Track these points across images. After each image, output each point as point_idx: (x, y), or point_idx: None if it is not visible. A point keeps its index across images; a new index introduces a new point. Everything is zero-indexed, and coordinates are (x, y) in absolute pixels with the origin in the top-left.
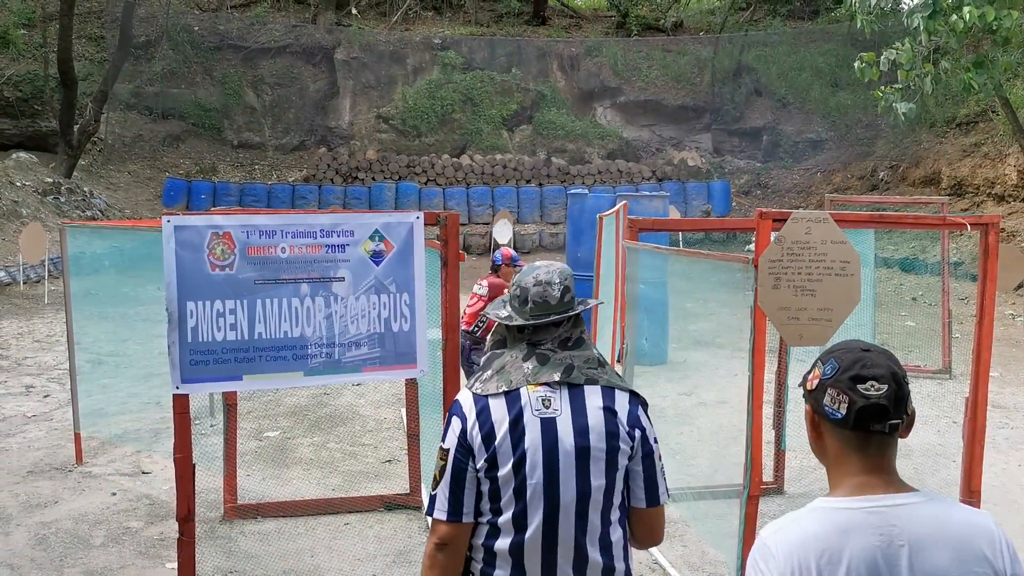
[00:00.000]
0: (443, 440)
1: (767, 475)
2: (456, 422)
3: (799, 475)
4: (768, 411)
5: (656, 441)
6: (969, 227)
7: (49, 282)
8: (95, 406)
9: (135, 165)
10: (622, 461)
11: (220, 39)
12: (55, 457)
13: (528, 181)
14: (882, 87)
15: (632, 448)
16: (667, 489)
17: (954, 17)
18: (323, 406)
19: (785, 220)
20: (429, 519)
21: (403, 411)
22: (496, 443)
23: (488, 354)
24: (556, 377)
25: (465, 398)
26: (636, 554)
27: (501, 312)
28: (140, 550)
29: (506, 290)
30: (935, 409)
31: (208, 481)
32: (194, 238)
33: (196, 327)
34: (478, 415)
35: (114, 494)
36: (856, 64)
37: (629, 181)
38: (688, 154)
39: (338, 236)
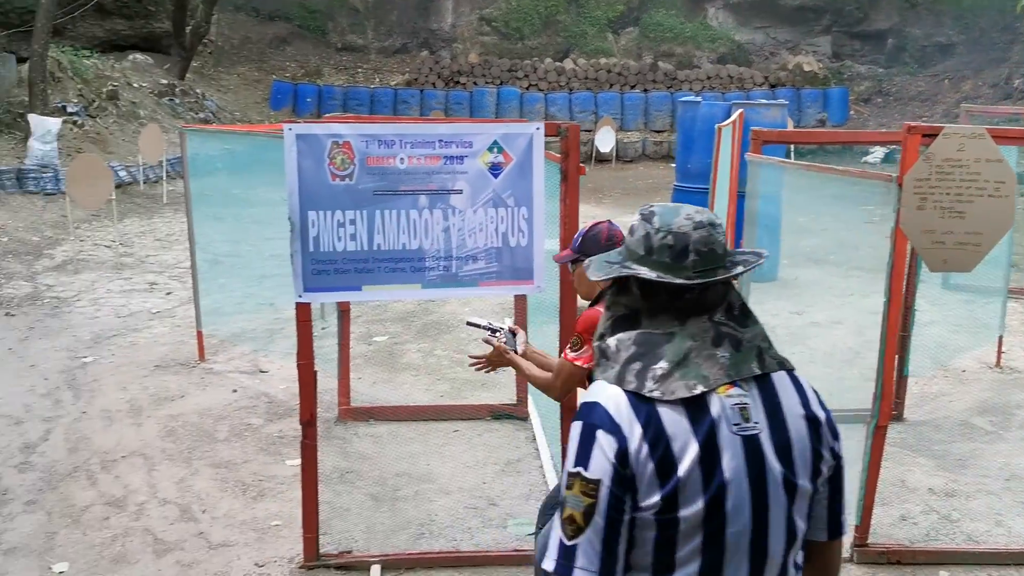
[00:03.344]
0: (580, 464)
1: None
2: (606, 440)
3: (920, 402)
4: None
5: None
6: None
7: (167, 182)
8: (213, 305)
9: (243, 67)
10: (821, 488)
11: None
12: (179, 353)
13: (633, 87)
14: None
15: (831, 468)
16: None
17: None
18: (429, 313)
19: (935, 135)
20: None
21: (508, 320)
22: (681, 474)
23: (625, 336)
24: (756, 368)
25: (614, 400)
26: None
27: (639, 269)
28: (261, 446)
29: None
30: None
31: (322, 383)
32: (315, 147)
33: (318, 237)
34: (645, 429)
35: (235, 391)
36: None
37: (740, 87)
38: (804, 59)
39: (456, 147)
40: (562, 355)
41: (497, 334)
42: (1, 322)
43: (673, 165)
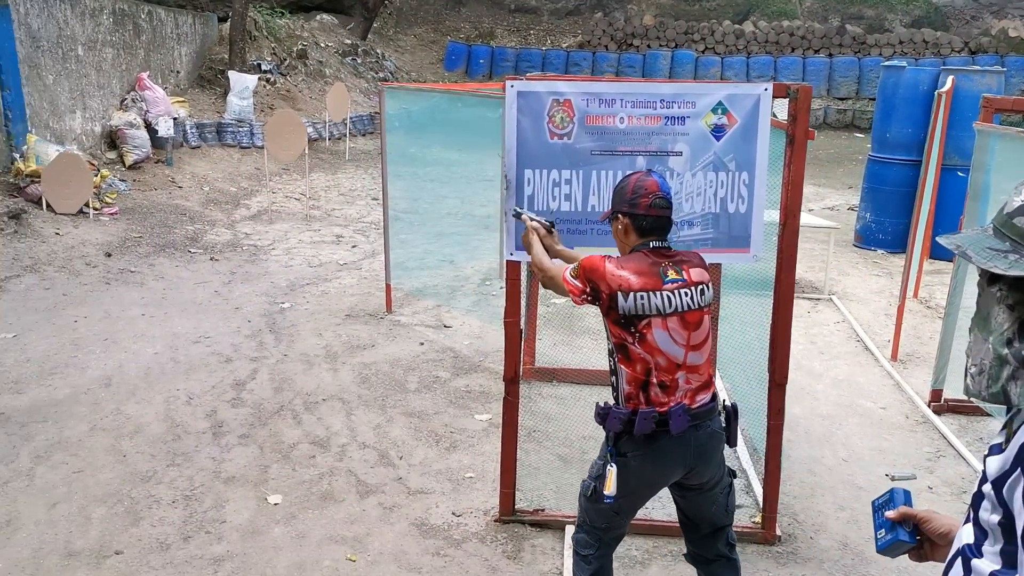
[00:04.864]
0: None
1: None
2: None
3: None
4: None
5: None
6: None
7: (349, 139)
8: (396, 260)
9: (420, 28)
10: None
11: None
12: (367, 304)
13: (816, 51)
14: None
15: None
16: None
17: None
18: None
19: None
20: None
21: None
22: None
23: None
24: None
25: None
26: None
27: None
28: (450, 399)
29: None
30: None
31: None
32: (535, 104)
33: (533, 195)
34: None
35: (421, 344)
36: None
37: (936, 53)
38: (1010, 23)
39: (679, 107)
40: (565, 271)
41: (534, 220)
42: (207, 266)
43: (858, 135)
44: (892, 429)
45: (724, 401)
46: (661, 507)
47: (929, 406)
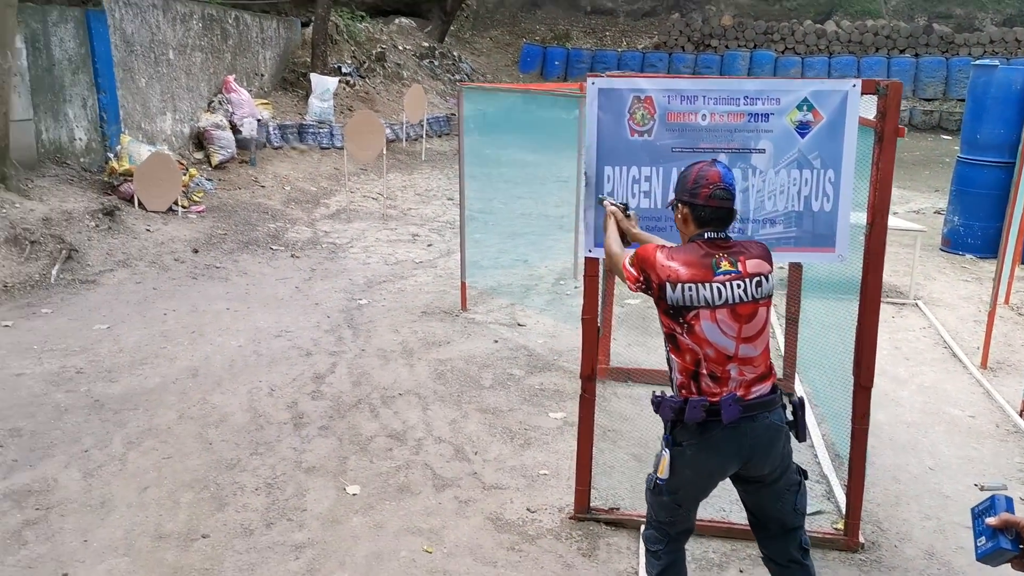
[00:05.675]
0: None
1: None
2: None
3: None
4: None
5: None
6: None
7: (425, 140)
8: (470, 258)
9: (496, 31)
10: None
11: None
12: (442, 301)
13: (902, 51)
14: None
15: None
16: None
17: None
18: None
19: None
20: None
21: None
22: None
23: None
24: None
25: None
26: None
27: None
28: (524, 397)
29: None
30: None
31: (579, 340)
32: (616, 101)
33: (612, 192)
34: None
35: (496, 341)
36: None
37: None
38: None
39: (763, 103)
40: (625, 258)
41: (616, 204)
42: (288, 263)
43: (944, 136)
44: (981, 438)
45: (791, 395)
46: (740, 509)
47: (1021, 415)
